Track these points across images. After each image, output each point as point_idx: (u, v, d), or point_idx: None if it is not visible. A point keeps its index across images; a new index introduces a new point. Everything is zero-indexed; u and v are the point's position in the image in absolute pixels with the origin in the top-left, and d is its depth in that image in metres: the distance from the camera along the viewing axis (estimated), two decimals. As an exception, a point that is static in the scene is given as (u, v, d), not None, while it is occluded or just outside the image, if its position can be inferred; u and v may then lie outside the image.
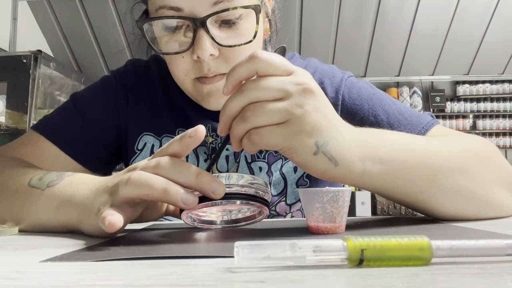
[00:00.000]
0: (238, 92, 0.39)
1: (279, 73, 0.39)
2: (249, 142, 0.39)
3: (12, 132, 2.50)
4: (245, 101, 0.39)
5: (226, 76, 0.41)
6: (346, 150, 0.41)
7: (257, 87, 0.38)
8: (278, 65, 0.39)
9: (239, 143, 0.41)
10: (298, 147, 0.39)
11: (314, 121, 0.39)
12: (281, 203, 0.67)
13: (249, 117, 0.38)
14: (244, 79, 0.40)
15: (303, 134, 0.39)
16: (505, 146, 4.08)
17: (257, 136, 0.39)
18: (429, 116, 0.64)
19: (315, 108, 0.39)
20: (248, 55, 0.39)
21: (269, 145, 0.39)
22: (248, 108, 0.39)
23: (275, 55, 0.40)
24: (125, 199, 0.38)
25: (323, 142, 0.40)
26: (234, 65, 0.40)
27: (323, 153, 0.40)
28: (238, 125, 0.39)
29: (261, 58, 0.39)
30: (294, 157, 0.41)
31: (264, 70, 0.39)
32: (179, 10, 0.55)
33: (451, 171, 0.47)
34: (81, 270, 0.26)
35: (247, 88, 0.39)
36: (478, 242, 0.25)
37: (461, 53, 3.90)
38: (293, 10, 3.45)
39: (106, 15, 3.44)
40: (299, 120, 0.38)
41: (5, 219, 0.50)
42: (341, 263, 0.24)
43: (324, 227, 0.39)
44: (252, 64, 0.39)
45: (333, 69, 0.72)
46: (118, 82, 0.73)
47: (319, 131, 0.39)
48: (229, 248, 0.30)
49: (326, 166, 0.41)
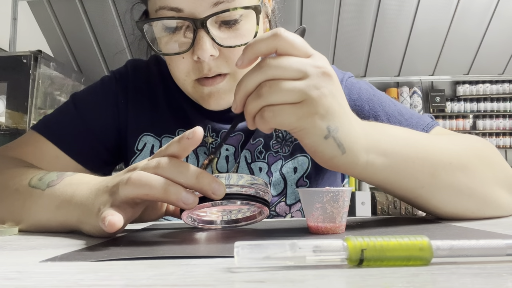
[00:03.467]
0: (256, 68, 0.39)
1: (298, 54, 0.39)
2: (262, 119, 0.39)
3: (12, 132, 2.50)
4: (263, 77, 0.38)
5: (243, 49, 0.40)
6: (354, 139, 0.41)
7: (277, 64, 0.38)
8: (299, 46, 0.39)
9: (253, 121, 0.40)
10: (310, 129, 0.39)
11: (329, 104, 0.39)
12: (281, 203, 0.67)
13: (264, 94, 0.38)
14: (262, 55, 0.40)
15: (317, 116, 0.39)
16: (505, 146, 4.08)
17: (271, 113, 0.38)
18: (429, 117, 0.65)
19: (331, 92, 0.39)
20: (271, 31, 0.39)
21: (282, 124, 0.39)
22: (265, 84, 0.38)
23: (296, 36, 0.40)
24: (125, 199, 0.38)
25: (334, 127, 0.40)
26: (253, 40, 0.40)
27: (333, 138, 0.40)
28: (253, 101, 0.39)
29: (283, 37, 0.39)
30: (304, 139, 0.41)
31: (284, 49, 0.39)
32: (179, 11, 0.55)
33: (452, 168, 0.47)
34: (81, 270, 0.26)
35: (266, 65, 0.38)
36: (478, 242, 0.25)
37: (461, 53, 3.90)
38: (293, 10, 3.45)
39: (106, 15, 3.44)
40: (314, 102, 0.38)
41: (5, 219, 0.50)
42: (341, 263, 0.24)
43: (324, 227, 0.39)
44: (273, 41, 0.39)
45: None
46: (118, 82, 0.73)
47: (332, 115, 0.39)
48: (229, 248, 0.30)
49: (334, 153, 0.41)
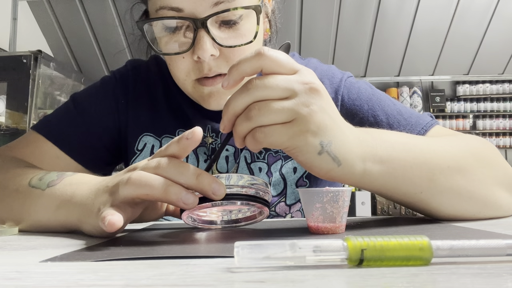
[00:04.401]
0: (243, 89, 0.38)
1: (285, 72, 0.39)
2: (253, 140, 0.38)
3: (12, 132, 2.50)
4: (250, 99, 0.38)
5: (228, 70, 0.40)
6: (348, 150, 0.41)
7: (263, 85, 0.37)
8: (284, 63, 0.39)
9: (243, 141, 0.40)
10: (303, 147, 0.39)
11: (320, 120, 0.39)
12: (280, 203, 0.67)
13: (254, 116, 0.38)
14: (248, 75, 0.39)
15: (309, 133, 0.38)
16: (505, 146, 4.08)
17: (262, 134, 0.38)
18: (428, 116, 0.64)
19: (320, 108, 0.39)
20: (254, 50, 0.38)
21: (274, 144, 0.39)
22: (253, 106, 0.38)
23: (281, 52, 0.39)
24: (125, 199, 0.38)
25: (327, 142, 0.39)
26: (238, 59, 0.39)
27: (328, 153, 0.40)
28: (242, 123, 0.39)
29: (267, 56, 0.38)
30: (298, 157, 0.40)
31: (269, 68, 0.38)
32: (180, 11, 0.55)
33: (450, 171, 0.47)
34: (81, 270, 0.26)
35: (252, 86, 0.38)
36: (478, 242, 0.25)
37: (461, 53, 3.90)
38: (293, 10, 3.45)
39: (106, 15, 3.44)
40: (305, 120, 0.38)
41: (5, 219, 0.50)
42: (341, 263, 0.24)
43: (324, 227, 0.39)
44: (257, 61, 0.38)
45: (332, 69, 0.72)
46: (118, 82, 0.73)
47: (324, 130, 0.39)
48: (229, 248, 0.30)
49: (329, 166, 0.41)
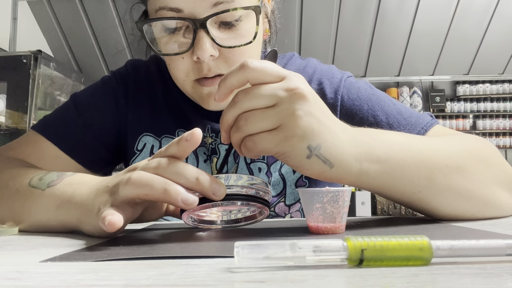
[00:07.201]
0: (231, 103, 0.41)
1: (271, 80, 0.40)
2: (245, 148, 0.41)
3: (12, 132, 2.50)
4: (238, 111, 0.40)
5: (218, 84, 0.42)
6: (341, 151, 0.41)
7: (249, 96, 0.39)
8: (269, 71, 0.40)
9: (240, 149, 0.42)
10: (291, 152, 0.40)
11: (306, 125, 0.39)
12: (280, 203, 0.67)
13: (242, 126, 0.40)
14: (236, 88, 0.41)
15: (295, 138, 0.39)
16: (505, 146, 4.08)
17: (251, 142, 0.40)
18: (428, 116, 0.64)
19: (306, 112, 0.40)
20: (239, 64, 0.40)
21: (263, 151, 0.40)
22: (241, 117, 0.40)
23: (266, 62, 0.40)
24: (126, 199, 0.38)
25: (316, 145, 0.40)
26: (226, 73, 0.41)
27: (317, 156, 0.40)
28: (234, 134, 0.41)
29: (252, 67, 0.40)
30: (288, 161, 0.42)
31: (255, 79, 0.40)
32: (179, 11, 0.55)
33: (449, 171, 0.47)
34: (81, 270, 0.26)
35: (239, 100, 0.40)
36: (478, 242, 0.25)
37: (461, 53, 3.90)
38: (293, 10, 3.45)
39: (106, 15, 3.44)
40: (290, 125, 0.39)
41: (5, 219, 0.50)
42: (341, 263, 0.24)
43: (324, 227, 0.39)
44: (243, 74, 0.40)
45: (332, 69, 0.72)
46: (118, 82, 0.73)
47: (311, 134, 0.40)
48: (229, 248, 0.30)
49: (321, 169, 0.41)
